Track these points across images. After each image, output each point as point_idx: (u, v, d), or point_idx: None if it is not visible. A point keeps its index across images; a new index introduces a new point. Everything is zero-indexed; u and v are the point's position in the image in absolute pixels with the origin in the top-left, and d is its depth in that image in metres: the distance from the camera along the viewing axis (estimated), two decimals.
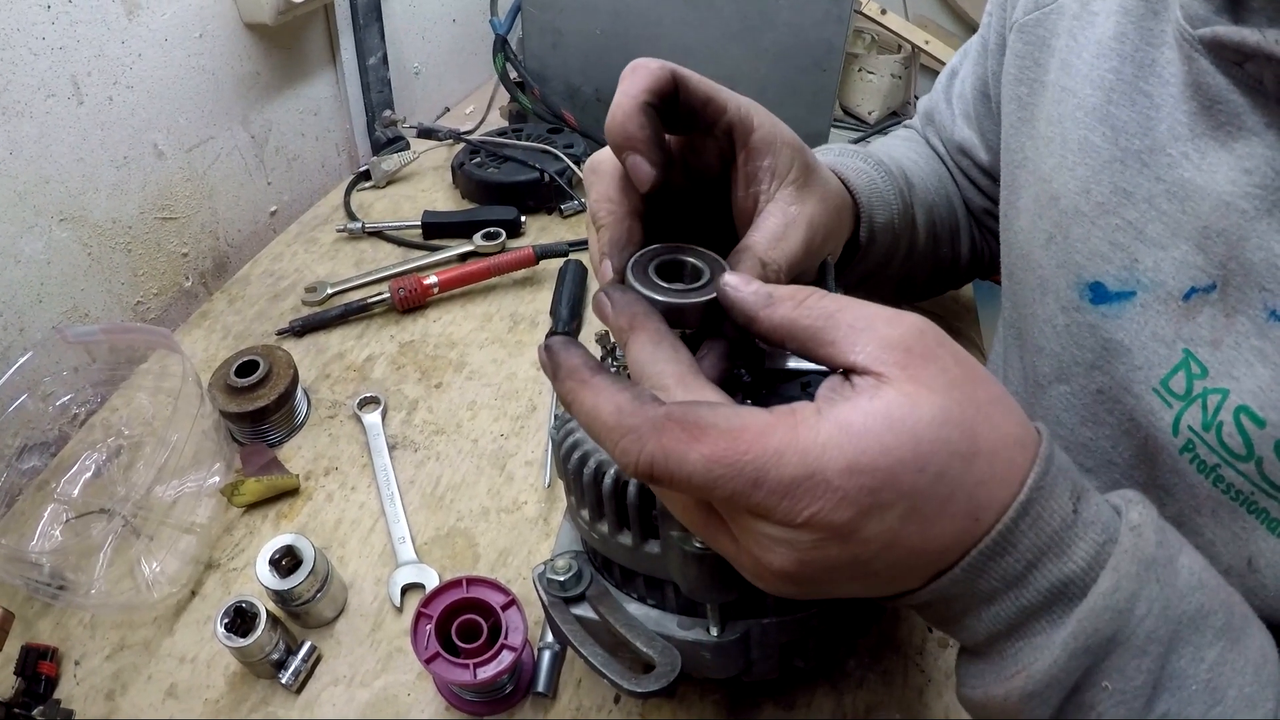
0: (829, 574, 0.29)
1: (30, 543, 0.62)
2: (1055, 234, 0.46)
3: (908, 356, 0.29)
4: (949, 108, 0.68)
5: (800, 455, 0.27)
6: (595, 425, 0.29)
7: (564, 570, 0.45)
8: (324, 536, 0.62)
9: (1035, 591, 0.29)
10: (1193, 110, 0.40)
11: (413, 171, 1.07)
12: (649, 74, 0.36)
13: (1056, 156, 0.47)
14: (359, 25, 1.04)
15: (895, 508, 0.28)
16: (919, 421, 0.28)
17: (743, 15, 0.98)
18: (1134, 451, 0.43)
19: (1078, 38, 0.47)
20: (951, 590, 0.30)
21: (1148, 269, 0.41)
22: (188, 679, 0.54)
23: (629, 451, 0.28)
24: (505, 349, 0.79)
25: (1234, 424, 0.36)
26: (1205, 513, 0.39)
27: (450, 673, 0.47)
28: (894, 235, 0.55)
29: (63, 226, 0.74)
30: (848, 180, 0.50)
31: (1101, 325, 0.43)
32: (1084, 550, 0.29)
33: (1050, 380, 0.47)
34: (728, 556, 0.32)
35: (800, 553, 0.29)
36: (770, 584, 0.31)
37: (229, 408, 0.66)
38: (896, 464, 0.27)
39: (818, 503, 0.27)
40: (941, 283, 0.71)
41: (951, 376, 0.29)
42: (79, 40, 0.71)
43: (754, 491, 0.28)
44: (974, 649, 0.33)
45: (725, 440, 0.28)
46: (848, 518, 0.27)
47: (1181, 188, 0.40)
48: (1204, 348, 0.38)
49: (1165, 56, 0.42)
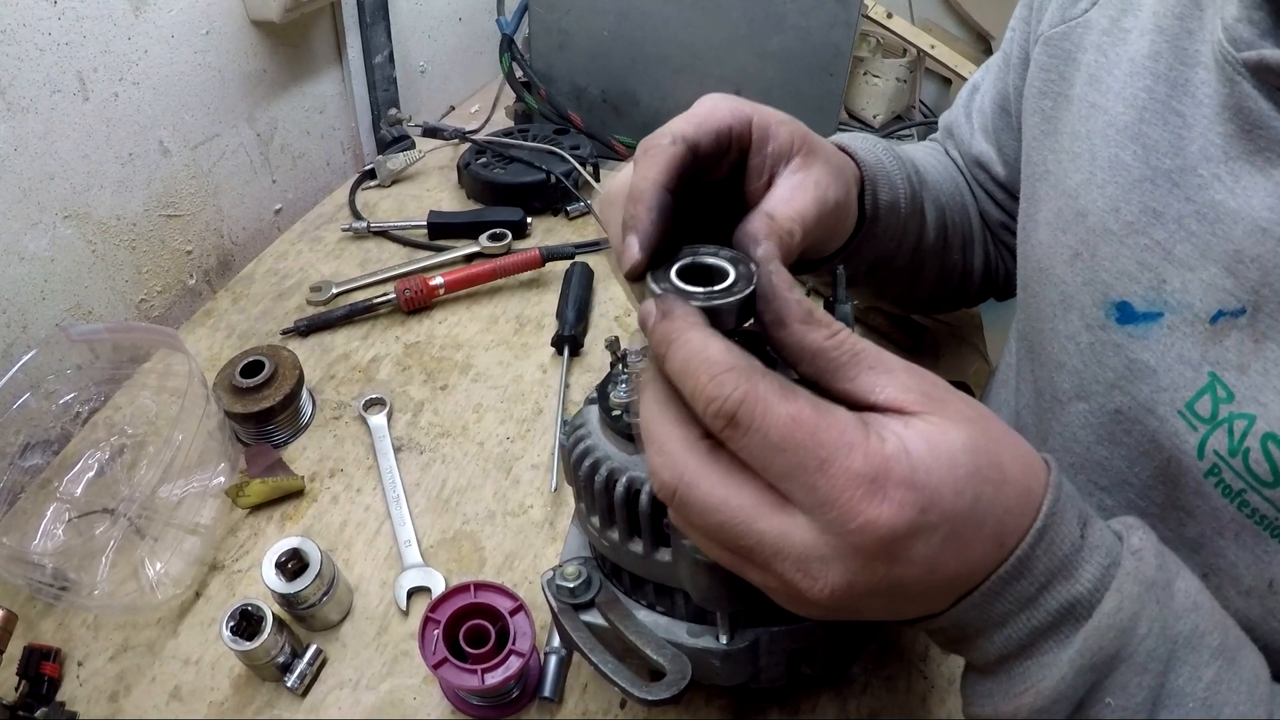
0: (870, 597, 0.30)
1: (33, 542, 0.62)
2: (1081, 251, 0.46)
3: (928, 397, 0.30)
4: (968, 122, 0.68)
5: (867, 456, 0.28)
6: (697, 359, 0.30)
7: (573, 577, 0.44)
8: (329, 539, 0.62)
9: (1045, 612, 0.31)
10: (1229, 133, 0.39)
11: (418, 171, 1.07)
12: (667, 160, 0.36)
13: (1084, 173, 0.47)
14: (365, 23, 1.04)
15: (939, 530, 0.28)
16: (954, 449, 0.29)
17: (750, 18, 0.98)
18: (1152, 473, 0.43)
19: (1108, 54, 0.47)
20: (969, 613, 0.31)
21: (1175, 290, 0.41)
22: (192, 681, 0.54)
23: (728, 385, 0.29)
24: (511, 351, 0.79)
25: (1261, 450, 0.36)
26: (1228, 536, 0.39)
27: (458, 678, 0.47)
28: (900, 220, 0.54)
29: (67, 223, 0.73)
30: (853, 152, 0.51)
31: (1127, 345, 0.43)
32: (1091, 572, 0.30)
33: (1069, 397, 0.47)
34: (757, 584, 0.32)
35: (850, 574, 0.29)
36: (808, 607, 0.31)
37: (234, 408, 0.65)
38: (941, 485, 0.28)
39: (875, 509, 0.28)
40: (952, 293, 0.70)
41: (969, 414, 0.31)
42: (85, 36, 0.71)
43: (818, 473, 0.28)
44: (983, 668, 0.34)
45: (812, 410, 0.28)
46: (900, 533, 0.28)
47: (1212, 209, 0.39)
48: (1230, 372, 0.38)
49: (1200, 77, 0.41)
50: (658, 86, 1.06)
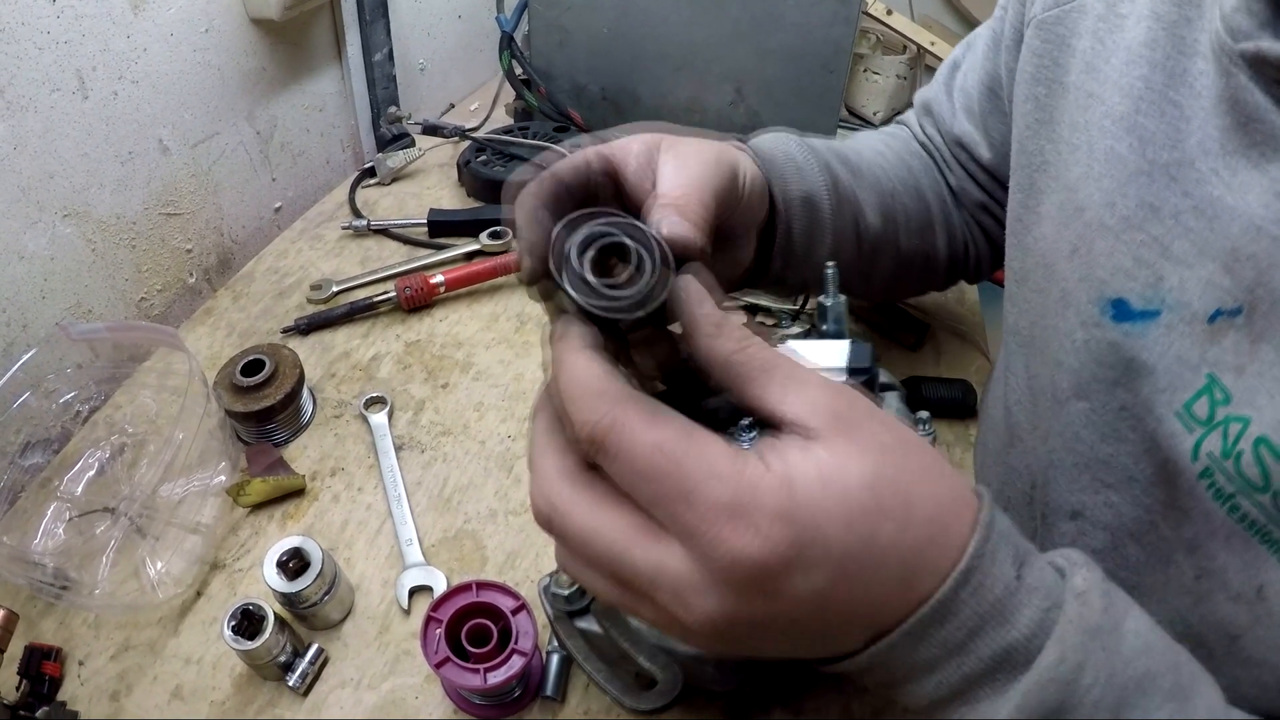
0: (759, 631, 0.29)
1: (33, 541, 0.61)
2: (1079, 246, 0.45)
3: (837, 419, 0.29)
4: (949, 100, 0.66)
5: (735, 487, 0.27)
6: (570, 382, 0.30)
7: (568, 584, 0.45)
8: (330, 538, 0.62)
9: (977, 660, 0.29)
10: (1225, 125, 0.38)
11: (417, 169, 1.07)
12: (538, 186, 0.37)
13: (1083, 165, 0.46)
14: (365, 21, 1.04)
15: (822, 567, 0.28)
16: (849, 482, 0.28)
17: (750, 15, 0.97)
18: (1154, 470, 0.42)
19: (1104, 41, 0.46)
20: (890, 656, 0.30)
21: (1173, 288, 0.40)
22: (193, 680, 0.54)
23: (591, 410, 0.29)
24: (512, 349, 0.79)
25: (1253, 454, 0.35)
26: (1219, 539, 0.38)
27: (460, 677, 0.47)
28: (819, 210, 0.54)
29: (66, 222, 0.73)
30: (746, 145, 0.52)
31: (1123, 344, 0.42)
32: (1028, 617, 0.29)
33: (1069, 396, 0.46)
34: (648, 622, 0.32)
35: (727, 606, 0.28)
36: (697, 638, 0.30)
37: (235, 407, 0.65)
38: (826, 521, 0.28)
39: (740, 540, 0.27)
40: (915, 279, 0.69)
41: (883, 441, 0.30)
42: (84, 34, 0.70)
43: (681, 503, 0.28)
44: (917, 712, 0.33)
45: (678, 439, 0.28)
46: (771, 567, 0.27)
47: (1210, 205, 0.38)
48: (1228, 373, 0.37)
49: (1198, 67, 0.40)
50: (658, 84, 1.06)
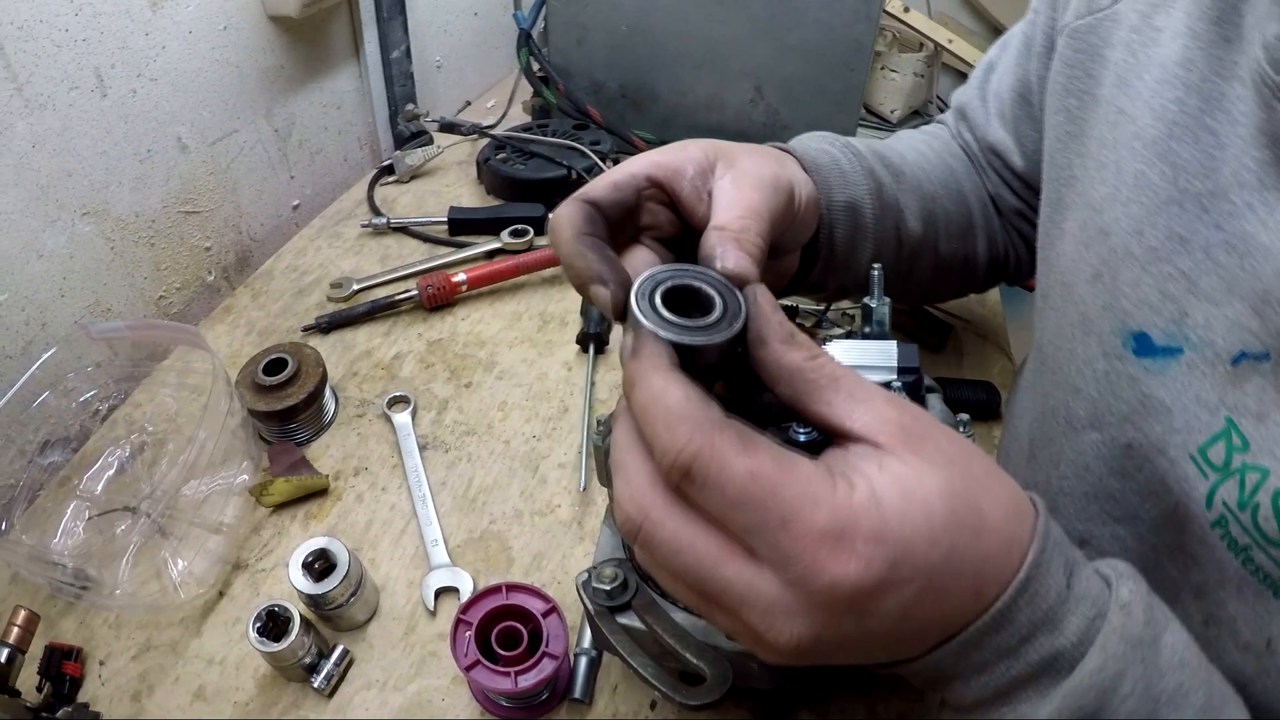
0: (838, 648, 0.29)
1: (53, 540, 0.61)
2: (1103, 272, 0.43)
3: (905, 433, 0.29)
4: (983, 105, 0.64)
5: (833, 511, 0.27)
6: (655, 406, 0.29)
7: (610, 579, 0.44)
8: (354, 538, 0.61)
9: (1025, 664, 0.30)
10: (1265, 160, 0.36)
11: (436, 166, 1.06)
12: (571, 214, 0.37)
13: (1109, 186, 0.44)
14: (382, 18, 1.03)
15: (913, 584, 0.28)
16: (929, 495, 0.28)
17: (771, 13, 0.96)
18: (1161, 513, 0.40)
19: (1138, 55, 0.43)
20: (946, 660, 0.31)
21: (1197, 325, 0.38)
22: (216, 681, 0.53)
23: (681, 437, 0.28)
24: (535, 349, 0.78)
25: (1271, 507, 0.34)
26: (1229, 588, 0.37)
27: (491, 681, 0.46)
28: (862, 217, 0.53)
29: (85, 221, 0.73)
30: (791, 149, 0.51)
31: (1142, 379, 0.40)
32: (1075, 625, 0.29)
33: (1083, 425, 0.44)
34: (724, 628, 0.32)
35: (816, 628, 0.28)
36: (779, 656, 0.30)
37: (257, 406, 0.64)
38: (914, 537, 0.28)
39: (842, 566, 0.27)
40: (956, 282, 0.67)
41: (949, 453, 0.30)
42: (103, 32, 0.70)
43: (780, 531, 0.27)
44: (957, 708, 0.33)
45: (773, 463, 0.28)
46: (868, 588, 0.27)
47: (1243, 240, 0.37)
48: (1248, 419, 0.36)
49: (1235, 92, 0.38)
50: (677, 82, 1.05)
